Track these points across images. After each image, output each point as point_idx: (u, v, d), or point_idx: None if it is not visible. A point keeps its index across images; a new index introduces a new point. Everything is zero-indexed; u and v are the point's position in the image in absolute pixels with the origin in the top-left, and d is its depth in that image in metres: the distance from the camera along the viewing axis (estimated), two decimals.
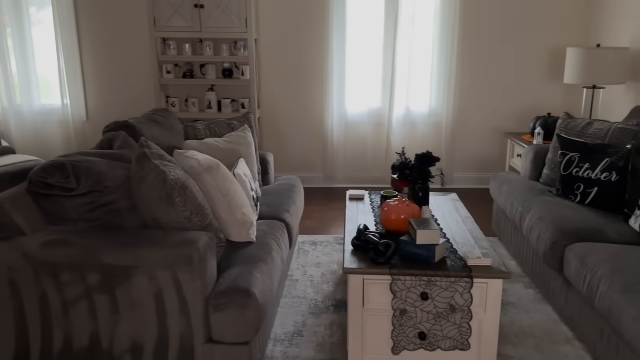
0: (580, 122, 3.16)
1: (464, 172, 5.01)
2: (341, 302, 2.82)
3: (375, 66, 4.74)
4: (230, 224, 2.28)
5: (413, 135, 4.86)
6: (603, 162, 2.81)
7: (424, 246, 2.15)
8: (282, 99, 4.88)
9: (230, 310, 1.90)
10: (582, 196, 2.88)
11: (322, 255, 3.44)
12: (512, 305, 2.78)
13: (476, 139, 4.93)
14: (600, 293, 2.12)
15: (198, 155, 2.22)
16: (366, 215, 2.77)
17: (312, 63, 4.79)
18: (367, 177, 5.02)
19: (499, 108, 4.84)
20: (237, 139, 2.87)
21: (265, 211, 2.82)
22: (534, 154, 3.47)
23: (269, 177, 3.44)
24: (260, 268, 2.13)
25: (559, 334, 2.51)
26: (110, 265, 1.90)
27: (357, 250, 2.28)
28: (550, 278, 2.75)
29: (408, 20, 4.57)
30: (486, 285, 2.10)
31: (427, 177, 2.70)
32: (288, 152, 5.02)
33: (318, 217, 4.23)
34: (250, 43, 4.42)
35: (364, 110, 4.85)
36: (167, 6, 4.36)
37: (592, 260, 2.28)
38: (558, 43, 4.67)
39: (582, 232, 2.55)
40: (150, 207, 2.00)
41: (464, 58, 4.72)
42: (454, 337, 2.14)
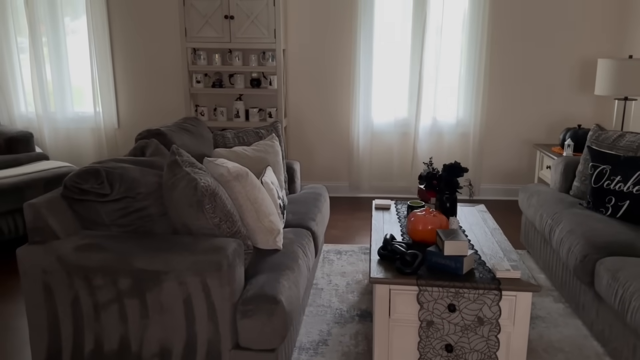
0: (612, 134, 3.10)
1: (492, 183, 4.95)
2: (366, 312, 2.82)
3: (402, 76, 4.74)
4: (258, 232, 2.30)
5: (440, 145, 4.83)
6: (635, 176, 2.75)
7: (451, 257, 2.13)
8: (308, 108, 4.92)
9: (258, 317, 1.91)
10: (613, 209, 2.82)
11: (347, 264, 3.44)
12: (541, 319, 2.73)
13: (504, 150, 4.88)
14: (633, 308, 2.07)
15: (227, 163, 2.26)
16: (392, 225, 2.77)
17: (339, 73, 4.82)
18: (393, 187, 5.00)
19: (528, 119, 4.79)
20: (265, 148, 2.91)
21: (292, 219, 2.84)
22: (564, 166, 3.42)
23: (295, 186, 3.46)
24: (287, 276, 2.15)
25: (590, 350, 2.46)
26: (141, 270, 1.94)
27: (384, 260, 2.28)
28: (580, 292, 2.69)
29: (436, 29, 4.57)
30: (515, 298, 2.07)
31: (455, 188, 2.68)
32: (314, 161, 5.04)
33: (343, 226, 4.23)
34: (278, 53, 4.47)
35: (390, 120, 4.85)
36: (198, 17, 4.45)
37: (624, 275, 2.23)
38: (589, 54, 4.61)
39: (614, 246, 2.49)
40: (181, 213, 2.04)
41: (492, 68, 4.68)
42: (482, 350, 2.11)
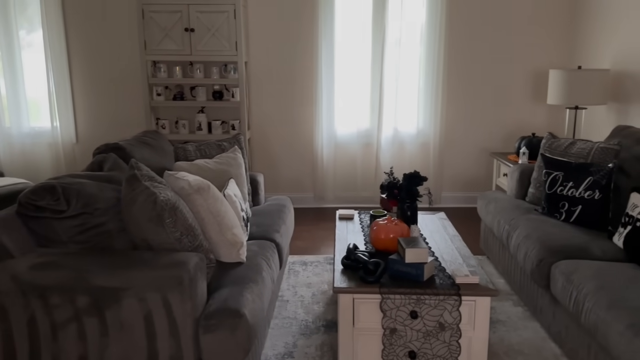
0: (564, 141, 3.23)
1: (452, 191, 5.06)
2: (332, 322, 2.83)
3: (363, 88, 4.81)
4: (221, 245, 2.29)
5: (402, 155, 4.92)
6: (586, 181, 2.87)
7: (412, 265, 2.17)
8: (272, 120, 4.93)
9: (221, 331, 1.90)
10: (567, 214, 2.93)
11: (312, 275, 3.44)
12: (502, 323, 2.80)
13: (463, 159, 5.00)
14: (587, 309, 2.15)
15: (188, 176, 2.24)
16: (356, 234, 2.79)
17: (302, 84, 4.85)
18: (357, 197, 5.05)
19: (485, 128, 4.93)
20: (227, 160, 2.90)
21: (256, 232, 2.84)
22: (520, 174, 3.53)
23: (259, 198, 3.46)
24: (251, 288, 2.14)
25: (548, 351, 2.53)
26: (100, 288, 1.90)
27: (347, 269, 2.30)
28: (538, 295, 2.78)
29: (395, 42, 4.67)
30: (474, 303, 2.12)
31: (415, 197, 2.74)
32: (278, 173, 5.05)
33: (308, 237, 4.24)
34: (240, 66, 4.48)
35: (353, 131, 4.91)
36: (158, 30, 4.42)
37: (577, 277, 2.31)
38: (541, 65, 4.79)
39: (568, 249, 2.59)
40: (140, 228, 2.01)
41: (449, 79, 4.81)
42: (444, 355, 2.15)
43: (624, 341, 1.88)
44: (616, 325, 1.95)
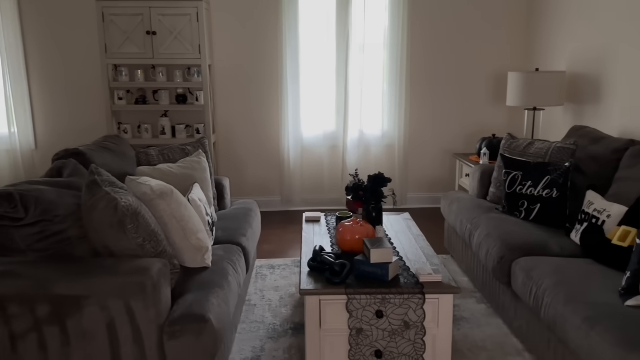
0: (522, 142, 3.32)
1: (417, 192, 5.14)
2: (299, 324, 2.83)
3: (328, 91, 4.84)
4: (185, 250, 2.27)
5: (367, 157, 4.97)
6: (544, 180, 2.96)
7: (377, 265, 2.20)
8: (237, 123, 4.91)
9: (186, 337, 1.88)
10: (526, 212, 3.02)
11: (280, 278, 3.44)
12: (466, 320, 2.86)
13: (427, 160, 5.09)
14: (546, 304, 2.22)
15: (151, 181, 2.21)
16: (322, 236, 2.81)
17: (267, 88, 4.85)
18: (324, 199, 5.08)
19: (447, 130, 5.03)
20: (191, 164, 2.87)
21: (221, 236, 2.82)
22: (481, 174, 3.62)
23: (225, 202, 3.44)
24: (216, 293, 2.13)
25: (510, 346, 2.60)
26: (60, 296, 1.85)
27: (313, 271, 2.31)
28: (499, 292, 2.85)
29: (358, 47, 4.72)
30: (438, 301, 2.16)
31: (380, 198, 2.77)
32: (245, 177, 5.03)
33: (276, 240, 4.23)
34: (204, 69, 4.44)
35: (319, 134, 4.93)
36: (119, 33, 4.34)
37: (537, 273, 2.38)
38: (500, 67, 4.92)
39: (527, 246, 2.67)
40: (101, 235, 1.98)
41: (412, 82, 4.89)
42: (409, 353, 2.18)
43: (580, 334, 1.95)
44: (573, 318, 2.02)
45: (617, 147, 3.00)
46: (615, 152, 2.99)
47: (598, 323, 1.90)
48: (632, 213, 2.39)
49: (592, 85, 3.78)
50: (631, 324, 1.86)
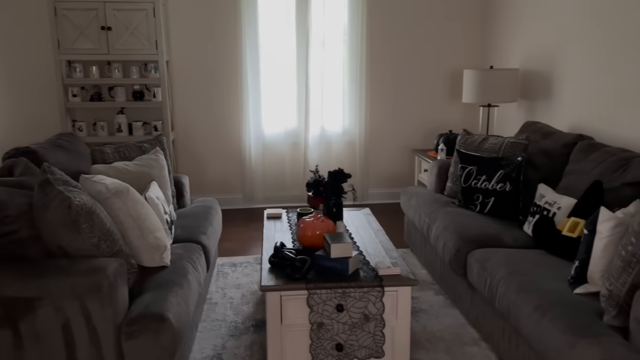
0: (477, 138, 3.41)
1: (378, 188, 5.21)
2: (261, 321, 2.83)
3: (289, 88, 4.84)
4: (143, 249, 2.23)
5: (329, 154, 5.00)
6: (498, 174, 3.05)
7: (338, 259, 2.22)
8: (197, 120, 4.85)
9: (144, 337, 1.86)
10: (481, 206, 3.11)
11: (242, 276, 3.43)
12: (424, 312, 2.93)
13: (387, 157, 5.16)
14: (500, 294, 2.30)
15: (106, 179, 2.17)
16: (284, 233, 2.82)
17: (227, 84, 4.81)
18: (287, 196, 5.08)
19: (406, 127, 5.11)
20: (148, 162, 2.83)
21: (181, 234, 2.79)
22: (438, 169, 3.70)
23: (184, 200, 3.40)
24: (175, 292, 2.10)
25: (467, 336, 2.67)
26: (12, 298, 1.80)
27: (275, 267, 2.32)
28: (456, 284, 2.93)
29: (319, 43, 4.73)
30: (396, 293, 2.21)
31: (340, 194, 2.80)
32: (205, 175, 4.97)
33: (238, 238, 4.21)
34: (161, 65, 4.37)
35: (280, 131, 4.93)
36: (72, 28, 4.22)
37: (491, 264, 2.46)
38: (457, 65, 5.03)
39: (482, 239, 2.75)
40: (55, 235, 1.93)
41: (372, 79, 4.95)
42: (369, 345, 2.22)
43: (532, 322, 2.03)
44: (525, 307, 2.09)
45: (567, 142, 3.12)
46: (565, 147, 3.11)
47: (549, 311, 1.98)
48: (581, 205, 2.50)
49: (544, 83, 3.92)
50: (580, 311, 1.95)
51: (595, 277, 2.07)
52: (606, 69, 3.19)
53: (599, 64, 3.25)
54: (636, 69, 2.93)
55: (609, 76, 3.17)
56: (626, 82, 3.02)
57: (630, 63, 2.97)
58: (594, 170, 2.72)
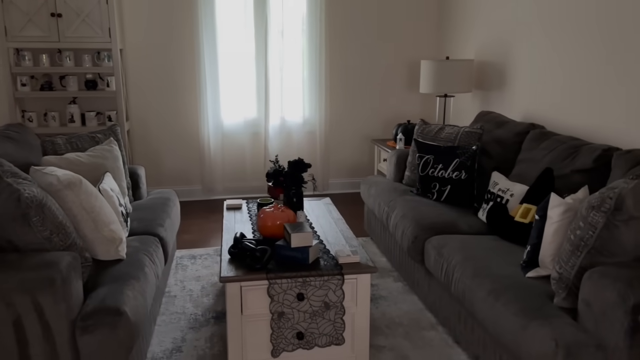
0: (434, 127, 3.48)
1: (338, 178, 5.24)
2: (222, 313, 2.82)
3: (249, 77, 4.79)
4: (97, 242, 2.18)
5: (289, 144, 4.98)
6: (454, 163, 3.12)
7: (298, 249, 2.23)
8: (153, 110, 4.75)
9: (100, 331, 1.82)
10: (438, 194, 3.17)
11: (202, 268, 3.40)
12: (384, 298, 2.98)
13: (348, 146, 5.19)
14: (455, 280, 2.36)
15: (57, 171, 2.10)
16: (244, 224, 2.80)
17: (184, 73, 4.72)
18: (247, 187, 5.04)
19: (366, 116, 5.15)
20: (102, 153, 2.75)
21: (137, 227, 2.73)
22: (397, 158, 3.75)
23: (140, 192, 3.33)
24: (132, 285, 2.07)
25: (425, 321, 2.74)
26: None
27: (235, 258, 2.30)
28: (414, 270, 2.99)
29: (278, 32, 4.70)
30: (356, 281, 2.23)
31: (300, 183, 2.80)
32: (162, 166, 4.88)
33: (197, 230, 4.16)
34: (115, 53, 4.24)
35: (240, 121, 4.88)
36: (20, 15, 4.04)
37: (447, 250, 2.52)
38: (415, 55, 5.09)
39: (439, 226, 2.81)
40: (4, 229, 1.85)
41: (332, 69, 4.95)
42: (330, 333, 2.24)
43: (486, 306, 2.09)
44: (480, 292, 2.16)
45: (519, 131, 3.22)
46: (518, 136, 3.21)
47: (502, 295, 2.05)
48: (533, 192, 2.59)
49: (498, 73, 4.02)
50: (531, 294, 2.02)
51: (546, 261, 2.16)
52: (556, 60, 3.30)
53: (550, 55, 3.36)
54: (584, 60, 3.04)
55: (558, 67, 3.28)
56: (575, 72, 3.13)
57: (579, 54, 3.08)
58: (545, 158, 2.82)
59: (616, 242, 1.80)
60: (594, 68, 2.96)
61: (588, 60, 3.01)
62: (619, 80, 2.78)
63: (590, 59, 2.99)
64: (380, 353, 2.45)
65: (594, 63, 2.96)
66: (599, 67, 2.92)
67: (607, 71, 2.86)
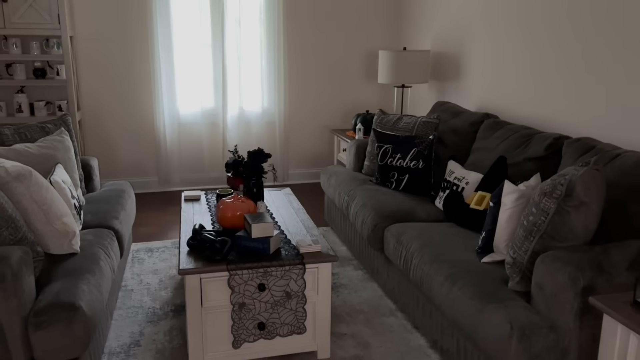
0: (392, 117, 3.52)
1: (298, 168, 5.23)
2: (180, 306, 2.78)
3: (205, 66, 4.70)
4: (49, 236, 2.10)
5: (248, 134, 4.93)
6: (412, 152, 3.17)
7: (259, 239, 2.22)
8: (106, 100, 4.60)
9: (54, 327, 1.76)
10: (396, 183, 3.22)
11: (159, 261, 3.33)
12: (344, 286, 3.00)
13: (307, 136, 5.19)
14: (414, 266, 2.40)
15: (5, 162, 2.01)
16: (203, 215, 2.76)
17: (138, 62, 4.58)
18: (205, 178, 4.97)
19: (325, 107, 5.15)
20: (52, 144, 2.65)
21: (91, 220, 2.65)
22: (356, 148, 3.78)
23: (94, 184, 3.23)
24: (87, 280, 2.01)
25: (385, 308, 2.78)
26: None
27: (194, 250, 2.27)
28: (374, 258, 3.03)
29: (235, 21, 4.62)
30: (317, 270, 2.24)
31: (260, 174, 2.78)
32: (116, 157, 4.74)
33: (154, 223, 4.08)
34: (64, 41, 4.08)
35: (197, 111, 4.79)
36: None
37: (405, 238, 2.56)
38: (373, 46, 5.13)
39: (398, 214, 2.85)
40: None
41: (290, 59, 4.92)
42: (291, 322, 2.25)
43: (444, 290, 2.14)
44: (437, 277, 2.21)
45: (474, 121, 3.29)
46: (473, 125, 3.28)
47: (459, 279, 2.10)
48: (487, 179, 2.66)
49: (453, 64, 4.10)
50: (487, 278, 2.08)
51: (500, 246, 2.23)
52: (508, 52, 3.39)
53: (501, 47, 3.45)
54: (533, 51, 3.14)
55: (509, 58, 3.37)
56: (527, 63, 3.23)
57: (529, 46, 3.18)
58: (498, 147, 2.90)
59: (567, 227, 1.87)
60: (542, 59, 3.06)
61: (537, 51, 3.10)
62: (566, 71, 2.88)
63: (538, 50, 3.09)
64: (341, 340, 2.47)
65: (543, 55, 3.06)
66: (548, 58, 3.02)
67: (555, 62, 2.96)
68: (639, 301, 1.54)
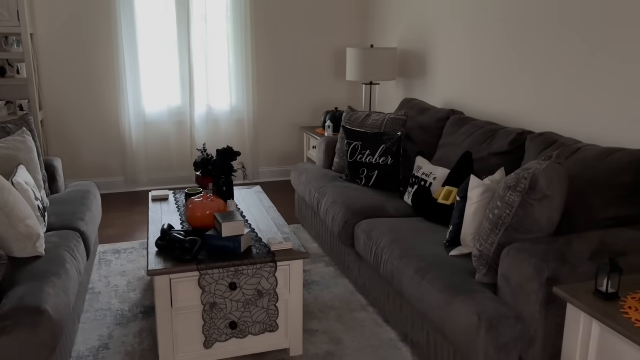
0: (361, 114, 3.54)
1: (268, 166, 5.22)
2: (150, 307, 2.74)
3: (171, 64, 4.64)
4: (12, 239, 2.04)
5: (217, 132, 4.89)
6: (380, 149, 3.20)
7: (229, 238, 2.20)
8: (69, 98, 4.48)
9: (19, 331, 1.71)
10: (366, 179, 3.25)
11: (127, 262, 3.28)
12: (316, 283, 3.02)
13: (277, 134, 5.17)
14: (384, 261, 2.43)
15: None
16: (171, 214, 2.73)
17: (101, 60, 4.48)
18: (173, 177, 4.90)
19: (294, 104, 5.15)
20: (14, 144, 2.57)
21: (56, 221, 2.59)
22: (326, 145, 3.79)
23: (57, 185, 3.15)
24: (53, 283, 1.96)
25: (356, 303, 2.81)
26: None
27: (162, 250, 2.24)
28: (345, 254, 3.05)
29: (201, 18, 4.57)
30: (289, 267, 2.25)
31: (230, 172, 2.76)
32: (80, 157, 4.63)
33: (121, 223, 4.00)
34: (24, 38, 3.95)
35: (163, 109, 4.72)
36: None
37: (376, 233, 2.59)
38: (341, 43, 5.14)
39: (368, 210, 2.88)
40: None
41: (258, 57, 4.90)
42: (263, 320, 2.24)
43: (413, 284, 2.17)
44: (407, 271, 2.24)
45: (440, 117, 3.35)
46: (439, 122, 3.34)
47: (428, 273, 2.14)
48: (454, 174, 2.71)
49: (419, 61, 4.15)
50: (455, 271, 2.12)
51: (467, 239, 2.27)
52: (471, 50, 3.46)
53: (465, 45, 3.52)
54: (494, 50, 3.21)
55: (473, 56, 3.44)
56: (489, 62, 3.30)
57: (490, 45, 3.25)
58: (464, 142, 2.96)
59: (531, 220, 1.93)
60: (504, 56, 3.13)
61: (499, 49, 3.18)
62: (526, 67, 2.96)
63: (500, 48, 3.16)
64: (314, 337, 2.49)
65: (504, 52, 3.13)
66: (509, 55, 3.10)
67: (516, 59, 3.04)
68: (600, 290, 1.60)
